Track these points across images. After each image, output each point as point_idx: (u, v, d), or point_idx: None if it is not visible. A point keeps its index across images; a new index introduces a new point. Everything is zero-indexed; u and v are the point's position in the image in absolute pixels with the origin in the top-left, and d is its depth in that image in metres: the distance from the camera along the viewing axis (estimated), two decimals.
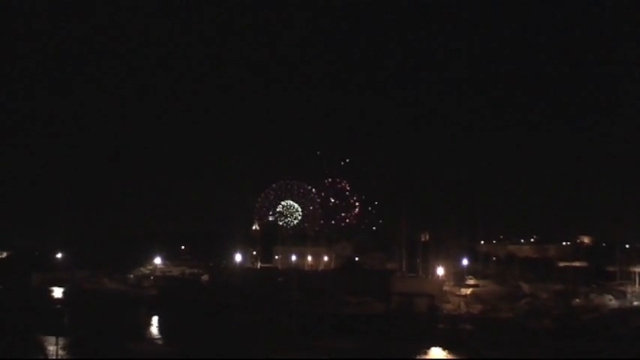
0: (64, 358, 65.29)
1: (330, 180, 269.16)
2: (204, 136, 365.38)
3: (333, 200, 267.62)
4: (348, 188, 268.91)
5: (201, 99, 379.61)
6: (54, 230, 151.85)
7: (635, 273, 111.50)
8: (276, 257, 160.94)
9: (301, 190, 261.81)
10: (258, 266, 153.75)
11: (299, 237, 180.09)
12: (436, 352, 74.78)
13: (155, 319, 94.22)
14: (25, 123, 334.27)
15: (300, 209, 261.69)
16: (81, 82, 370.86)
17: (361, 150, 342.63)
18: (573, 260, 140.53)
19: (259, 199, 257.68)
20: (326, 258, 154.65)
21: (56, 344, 68.30)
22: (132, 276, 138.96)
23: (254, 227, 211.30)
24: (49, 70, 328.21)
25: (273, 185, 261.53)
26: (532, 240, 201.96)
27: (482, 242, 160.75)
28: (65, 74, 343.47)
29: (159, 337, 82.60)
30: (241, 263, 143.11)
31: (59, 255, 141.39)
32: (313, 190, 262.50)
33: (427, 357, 73.22)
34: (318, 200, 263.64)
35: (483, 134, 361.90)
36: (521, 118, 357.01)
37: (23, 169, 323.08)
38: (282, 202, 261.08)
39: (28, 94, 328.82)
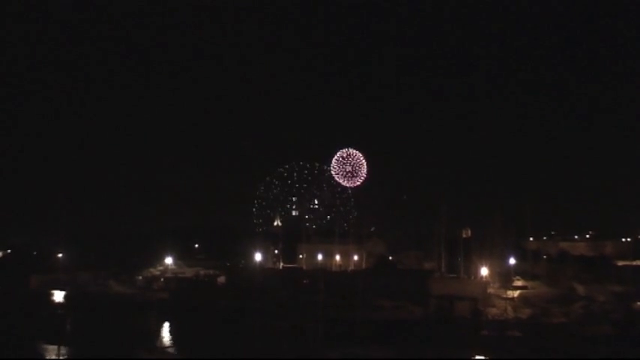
0: None
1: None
2: (207, 130, 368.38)
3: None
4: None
5: (201, 95, 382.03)
6: (54, 227, 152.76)
7: None
8: (301, 256, 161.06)
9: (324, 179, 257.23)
10: (281, 266, 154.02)
11: (326, 234, 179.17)
12: None
13: (166, 326, 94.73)
14: (26, 118, 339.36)
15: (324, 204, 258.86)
16: (81, 79, 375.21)
17: (402, 141, 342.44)
18: (634, 259, 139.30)
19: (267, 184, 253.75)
20: (356, 257, 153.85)
21: (57, 354, 69.01)
22: (140, 278, 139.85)
23: (275, 223, 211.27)
24: (48, 67, 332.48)
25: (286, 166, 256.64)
26: (587, 236, 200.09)
27: (531, 239, 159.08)
28: (65, 72, 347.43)
29: (171, 345, 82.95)
30: (261, 263, 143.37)
31: (60, 255, 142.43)
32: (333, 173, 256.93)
33: None
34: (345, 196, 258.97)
35: (535, 122, 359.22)
36: (579, 105, 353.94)
37: (21, 162, 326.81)
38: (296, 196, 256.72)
39: (27, 92, 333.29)
